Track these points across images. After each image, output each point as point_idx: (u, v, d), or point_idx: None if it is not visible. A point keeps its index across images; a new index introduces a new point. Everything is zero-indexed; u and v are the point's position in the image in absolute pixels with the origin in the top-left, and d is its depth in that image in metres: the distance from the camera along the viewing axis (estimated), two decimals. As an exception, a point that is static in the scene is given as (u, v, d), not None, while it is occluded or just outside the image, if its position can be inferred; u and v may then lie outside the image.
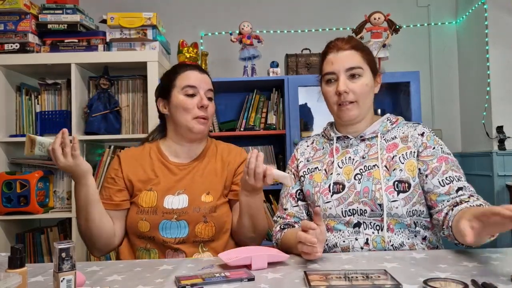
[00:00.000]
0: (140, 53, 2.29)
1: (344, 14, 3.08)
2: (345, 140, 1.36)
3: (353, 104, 1.29)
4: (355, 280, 0.88)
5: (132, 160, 1.42)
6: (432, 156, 1.25)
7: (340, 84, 1.27)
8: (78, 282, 0.85)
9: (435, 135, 1.31)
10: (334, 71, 1.29)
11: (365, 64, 1.30)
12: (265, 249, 1.16)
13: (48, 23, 2.27)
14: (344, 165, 1.31)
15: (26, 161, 2.35)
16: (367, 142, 1.32)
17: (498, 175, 2.64)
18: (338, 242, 1.24)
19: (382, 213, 1.21)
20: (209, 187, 1.38)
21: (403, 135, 1.31)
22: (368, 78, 1.31)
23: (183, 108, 1.37)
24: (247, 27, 2.54)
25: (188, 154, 1.44)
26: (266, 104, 2.65)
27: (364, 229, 1.23)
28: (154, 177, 1.38)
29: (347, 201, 1.25)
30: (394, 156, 1.26)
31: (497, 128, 2.71)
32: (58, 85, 2.38)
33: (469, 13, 2.98)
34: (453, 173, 1.22)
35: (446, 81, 3.14)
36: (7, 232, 2.26)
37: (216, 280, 0.93)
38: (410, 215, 1.22)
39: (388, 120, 1.35)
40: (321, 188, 1.30)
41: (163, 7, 3.06)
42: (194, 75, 1.40)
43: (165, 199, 1.34)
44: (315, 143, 1.44)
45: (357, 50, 1.31)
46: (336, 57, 1.30)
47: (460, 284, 0.83)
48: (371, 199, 1.22)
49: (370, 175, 1.25)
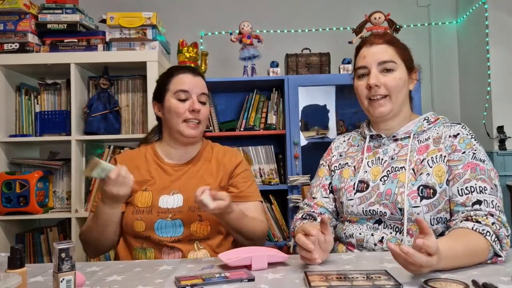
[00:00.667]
0: (140, 53, 2.29)
1: (344, 14, 3.08)
2: (378, 139, 1.32)
3: (385, 99, 1.25)
4: (355, 281, 0.88)
5: (128, 161, 1.41)
6: (459, 161, 1.17)
7: (371, 77, 1.24)
8: (77, 283, 0.85)
9: (474, 137, 1.22)
10: (366, 65, 1.27)
11: (398, 58, 1.26)
12: (265, 249, 1.16)
13: (48, 23, 2.26)
14: (374, 165, 1.28)
15: (25, 161, 2.35)
16: (399, 142, 1.28)
17: (498, 175, 2.64)
18: (355, 233, 1.24)
19: (402, 218, 1.17)
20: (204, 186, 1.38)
21: (437, 136, 1.24)
22: (402, 73, 1.26)
23: (174, 112, 1.38)
24: (247, 27, 2.54)
25: (182, 157, 1.45)
26: (266, 104, 2.65)
27: (383, 228, 1.21)
28: (149, 178, 1.39)
29: (368, 201, 1.23)
30: (424, 159, 1.20)
31: (498, 128, 2.71)
32: (57, 85, 2.38)
33: (470, 13, 2.98)
34: (477, 183, 1.12)
35: (446, 81, 3.14)
36: (6, 232, 2.25)
37: (216, 280, 0.93)
38: (435, 223, 1.16)
39: (425, 120, 1.28)
40: (346, 184, 1.30)
41: (163, 7, 3.06)
42: (187, 79, 1.40)
43: (160, 199, 1.35)
44: (351, 139, 1.43)
45: (390, 44, 1.27)
46: (368, 51, 1.27)
47: (461, 284, 0.83)
48: (392, 202, 1.18)
49: (395, 177, 1.21)
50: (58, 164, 2.35)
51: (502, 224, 1.07)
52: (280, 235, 2.61)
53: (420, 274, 0.90)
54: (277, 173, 2.69)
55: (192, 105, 1.37)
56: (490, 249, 1.02)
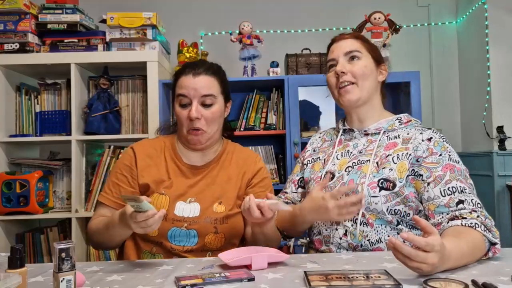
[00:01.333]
0: (140, 53, 2.29)
1: (344, 14, 3.08)
2: (350, 133, 1.38)
3: (352, 86, 1.29)
4: (355, 280, 0.88)
5: (147, 158, 1.35)
6: (437, 163, 1.20)
7: (338, 65, 1.31)
8: (78, 282, 0.85)
9: (446, 141, 1.26)
10: (334, 57, 1.34)
11: (364, 50, 1.33)
12: (265, 249, 1.16)
13: (48, 23, 2.27)
14: (342, 158, 1.33)
15: (25, 161, 2.35)
16: (369, 137, 1.33)
17: (498, 175, 2.64)
18: (321, 230, 1.29)
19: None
20: (222, 196, 1.33)
21: (407, 137, 1.28)
22: (368, 61, 1.32)
23: (178, 119, 1.34)
24: (247, 27, 2.54)
25: (200, 159, 1.39)
26: (266, 104, 2.65)
27: (344, 220, 1.24)
28: (167, 178, 1.33)
29: (332, 191, 1.24)
30: (389, 155, 1.25)
31: (498, 128, 2.71)
32: (57, 85, 2.38)
33: (469, 13, 2.98)
34: (457, 184, 1.16)
35: (446, 81, 3.14)
36: (7, 232, 2.25)
37: (216, 280, 0.93)
38: (391, 213, 1.21)
39: (398, 120, 1.33)
40: (315, 175, 1.36)
41: (163, 7, 3.06)
42: (187, 82, 1.31)
43: (176, 206, 1.29)
44: (325, 135, 1.49)
45: (357, 38, 1.35)
46: (336, 45, 1.35)
47: (460, 284, 0.83)
48: (353, 191, 1.23)
49: (359, 169, 1.26)
50: (58, 164, 2.35)
51: (486, 217, 1.10)
52: (280, 235, 2.61)
53: (423, 273, 0.89)
54: (277, 173, 2.69)
55: (189, 112, 1.29)
56: (485, 239, 1.04)
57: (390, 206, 1.20)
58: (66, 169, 2.35)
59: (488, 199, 2.67)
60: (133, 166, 1.34)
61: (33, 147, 2.58)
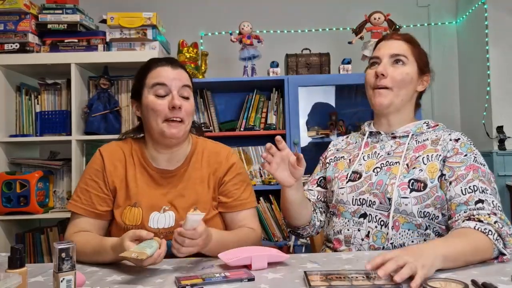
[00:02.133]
0: (140, 53, 2.29)
1: (344, 14, 3.08)
2: (377, 135, 1.35)
3: (387, 91, 1.26)
4: (355, 280, 0.88)
5: (117, 163, 1.29)
6: (461, 163, 1.18)
7: (380, 66, 1.27)
8: (78, 282, 0.85)
9: (473, 144, 1.24)
10: (379, 56, 1.30)
11: (411, 55, 1.29)
12: (265, 249, 1.16)
13: (48, 23, 2.27)
14: (369, 159, 1.31)
15: (25, 161, 2.35)
16: (397, 140, 1.30)
17: (498, 175, 2.64)
18: (343, 229, 1.27)
19: (390, 208, 1.19)
20: (197, 200, 1.27)
21: (435, 138, 1.26)
22: (411, 69, 1.28)
23: (153, 110, 1.22)
24: (247, 27, 2.54)
25: (170, 161, 1.30)
26: (266, 104, 2.65)
27: (368, 222, 1.22)
28: (135, 187, 1.26)
29: (359, 190, 1.25)
30: (419, 156, 1.22)
31: (497, 128, 2.71)
32: (58, 85, 2.38)
33: (469, 13, 2.98)
34: (479, 184, 1.13)
35: (446, 81, 3.14)
36: (7, 232, 2.25)
37: (216, 280, 0.93)
38: (421, 216, 1.17)
39: (425, 124, 1.31)
40: (340, 174, 1.34)
41: (163, 7, 3.06)
42: (165, 72, 1.24)
43: (150, 217, 1.23)
44: (350, 138, 1.47)
45: (407, 41, 1.31)
46: (384, 44, 1.32)
47: (460, 284, 0.83)
48: (382, 192, 1.20)
49: (389, 170, 1.24)
50: (58, 164, 2.35)
51: (505, 222, 1.07)
52: (280, 235, 2.61)
53: (419, 272, 0.89)
54: (277, 173, 2.69)
55: (171, 101, 1.21)
56: (494, 247, 1.02)
57: (421, 208, 1.17)
58: (66, 169, 2.35)
59: (488, 199, 2.67)
60: (102, 170, 1.28)
61: (33, 147, 2.58)
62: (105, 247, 1.10)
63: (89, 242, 1.15)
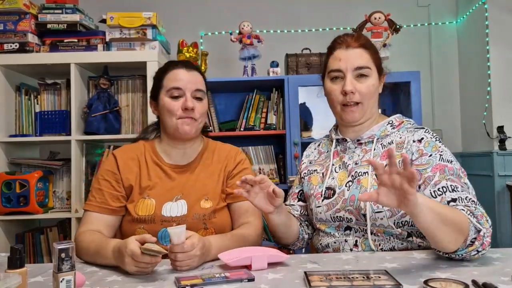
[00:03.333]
0: (139, 53, 2.29)
1: (344, 13, 3.08)
2: (343, 143, 1.32)
3: (357, 106, 1.24)
4: (355, 281, 0.88)
5: (130, 162, 1.36)
6: (426, 164, 1.15)
7: (347, 84, 1.22)
8: (77, 283, 0.85)
9: (439, 139, 1.21)
10: (341, 69, 1.24)
11: (372, 64, 1.26)
12: (265, 249, 1.15)
13: (48, 23, 2.26)
14: (340, 170, 1.29)
15: (25, 161, 2.35)
16: (363, 147, 1.28)
17: (498, 175, 2.64)
18: (330, 243, 1.26)
19: (366, 223, 1.17)
20: (208, 192, 1.34)
21: (400, 141, 1.23)
22: (375, 79, 1.26)
23: (168, 110, 1.32)
24: (247, 27, 2.54)
25: (183, 157, 1.39)
26: (266, 104, 2.65)
27: (355, 232, 1.22)
28: (149, 181, 1.33)
29: (335, 208, 1.23)
30: (387, 165, 1.21)
31: (498, 128, 2.71)
32: (57, 85, 2.38)
33: (470, 13, 2.98)
34: (447, 183, 1.11)
35: (446, 81, 3.14)
36: (6, 232, 2.25)
37: (216, 280, 0.93)
38: (399, 226, 1.16)
39: (389, 124, 1.28)
40: (315, 191, 1.31)
41: (163, 7, 3.06)
42: (180, 75, 1.34)
43: (163, 207, 1.29)
44: (321, 146, 1.44)
45: (366, 48, 1.26)
46: (344, 54, 1.24)
47: (461, 284, 0.83)
48: (356, 208, 1.18)
49: (359, 183, 1.21)
50: (58, 164, 2.35)
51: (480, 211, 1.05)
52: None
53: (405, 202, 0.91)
54: (277, 173, 2.69)
55: (184, 103, 1.31)
56: (469, 222, 1.00)
57: (397, 219, 1.15)
58: (66, 169, 2.35)
59: (488, 199, 2.67)
60: (115, 171, 1.34)
61: (33, 147, 2.58)
62: (106, 247, 1.12)
63: (93, 244, 1.18)
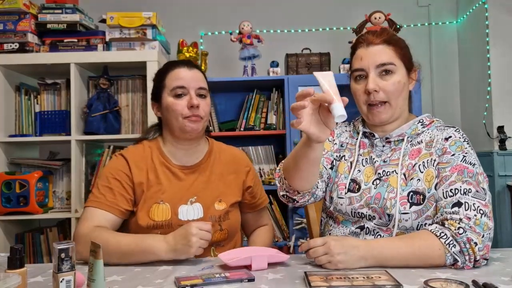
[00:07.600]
0: (139, 52, 2.29)
1: (344, 13, 3.07)
2: (371, 138, 1.27)
3: (384, 106, 1.18)
4: (355, 281, 0.88)
5: (140, 163, 1.33)
6: (447, 163, 1.12)
7: (370, 82, 1.16)
8: (77, 283, 0.85)
9: (467, 141, 1.18)
10: (363, 68, 1.19)
11: (397, 59, 1.19)
12: (265, 249, 1.15)
13: (48, 23, 2.26)
14: (367, 165, 1.24)
15: (25, 161, 2.35)
16: (392, 146, 1.23)
17: (499, 175, 2.64)
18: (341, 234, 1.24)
19: (389, 224, 1.14)
20: (220, 194, 1.35)
21: (429, 139, 1.19)
22: (401, 75, 1.19)
23: (172, 110, 1.30)
24: (247, 27, 2.54)
25: (189, 158, 1.37)
26: (266, 104, 2.65)
27: (365, 233, 1.18)
28: (158, 184, 1.31)
29: (358, 204, 1.19)
30: (416, 164, 1.16)
31: (498, 128, 2.71)
32: (57, 85, 2.38)
33: (470, 12, 2.98)
34: (462, 185, 1.07)
35: (446, 81, 3.14)
36: (6, 233, 2.25)
37: (216, 280, 0.92)
38: (419, 229, 1.13)
39: (420, 123, 1.23)
40: (340, 180, 1.25)
41: (163, 6, 3.06)
42: (183, 73, 1.33)
43: (179, 210, 1.28)
44: (352, 129, 1.35)
45: (389, 44, 1.19)
46: (365, 52, 1.19)
47: (461, 285, 0.83)
48: (381, 207, 1.15)
49: (386, 181, 1.17)
50: (58, 164, 2.35)
51: (481, 227, 1.01)
52: (280, 235, 2.61)
53: None
54: (277, 173, 2.68)
55: (190, 101, 1.29)
56: (447, 252, 1.00)
57: (421, 221, 1.12)
58: (65, 169, 2.35)
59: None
60: (127, 172, 1.31)
61: (32, 147, 2.57)
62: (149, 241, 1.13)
63: (119, 242, 1.13)
